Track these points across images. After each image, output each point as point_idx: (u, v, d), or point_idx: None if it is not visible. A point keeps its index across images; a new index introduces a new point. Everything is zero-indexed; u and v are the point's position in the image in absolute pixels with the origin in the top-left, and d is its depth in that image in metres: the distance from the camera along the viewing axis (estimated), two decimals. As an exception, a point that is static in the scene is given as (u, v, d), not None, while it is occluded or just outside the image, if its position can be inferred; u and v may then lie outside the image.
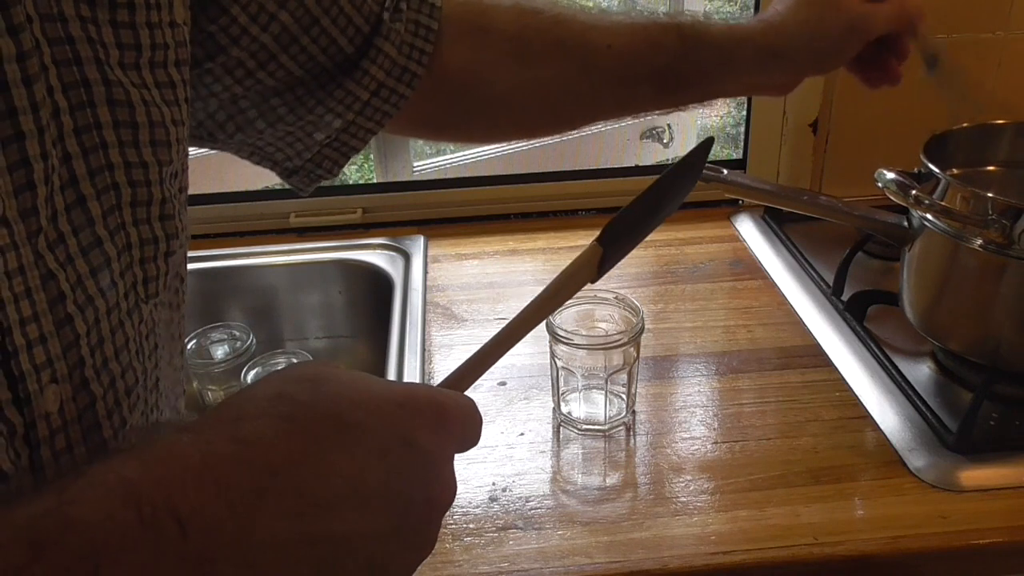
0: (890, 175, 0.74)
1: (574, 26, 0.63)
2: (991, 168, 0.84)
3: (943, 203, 0.73)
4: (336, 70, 0.56)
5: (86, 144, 0.36)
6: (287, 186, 0.63)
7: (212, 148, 0.58)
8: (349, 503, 0.31)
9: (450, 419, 0.34)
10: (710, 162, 0.94)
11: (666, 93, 0.66)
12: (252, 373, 0.91)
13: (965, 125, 0.78)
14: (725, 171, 0.84)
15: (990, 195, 0.70)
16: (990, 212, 0.70)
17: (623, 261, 0.44)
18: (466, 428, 0.36)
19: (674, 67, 0.64)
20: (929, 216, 0.75)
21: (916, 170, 0.77)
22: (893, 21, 0.66)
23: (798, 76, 0.68)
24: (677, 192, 0.43)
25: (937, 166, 0.74)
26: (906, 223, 0.80)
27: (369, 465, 0.31)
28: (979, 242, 0.71)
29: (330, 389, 0.32)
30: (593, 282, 0.42)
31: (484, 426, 0.37)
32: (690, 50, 0.63)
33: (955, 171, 0.79)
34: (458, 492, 0.67)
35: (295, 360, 0.92)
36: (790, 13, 0.64)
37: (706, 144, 0.43)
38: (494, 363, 0.41)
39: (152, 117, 0.39)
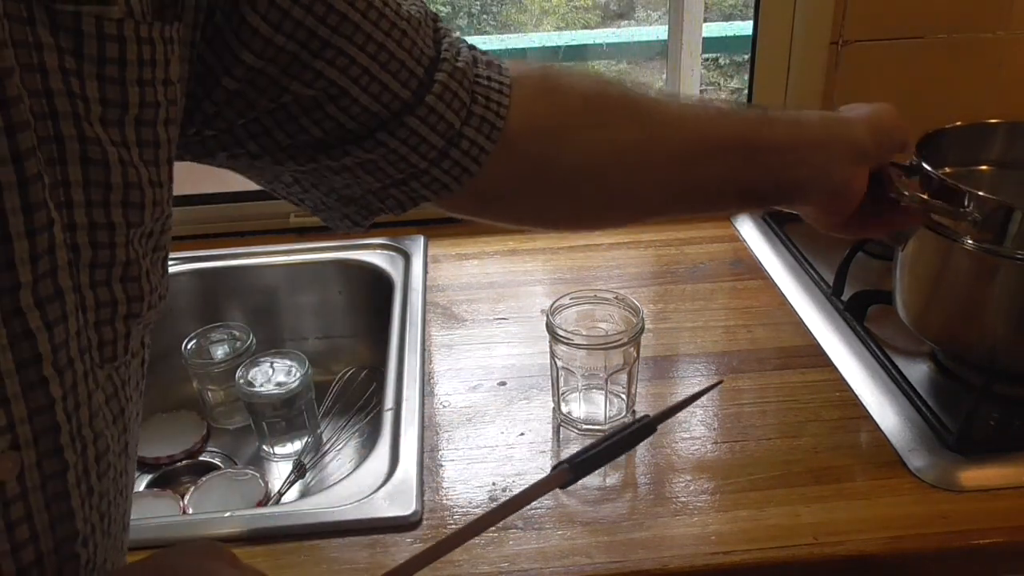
0: None
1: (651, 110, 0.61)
2: (984, 167, 0.84)
3: (936, 202, 0.73)
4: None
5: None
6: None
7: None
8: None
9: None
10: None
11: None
12: (251, 372, 0.91)
13: (959, 124, 0.77)
14: None
15: (982, 194, 0.70)
16: (982, 212, 0.70)
17: (625, 261, 0.44)
18: None
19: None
20: (921, 215, 0.75)
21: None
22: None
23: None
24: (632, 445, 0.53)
25: (930, 165, 0.74)
26: (899, 223, 0.80)
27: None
28: (971, 242, 0.71)
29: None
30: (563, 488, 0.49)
31: (484, 426, 0.37)
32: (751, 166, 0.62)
33: (948, 170, 0.79)
34: (458, 492, 0.68)
35: (296, 360, 0.92)
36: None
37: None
38: (442, 556, 0.43)
39: (128, 178, 0.37)
